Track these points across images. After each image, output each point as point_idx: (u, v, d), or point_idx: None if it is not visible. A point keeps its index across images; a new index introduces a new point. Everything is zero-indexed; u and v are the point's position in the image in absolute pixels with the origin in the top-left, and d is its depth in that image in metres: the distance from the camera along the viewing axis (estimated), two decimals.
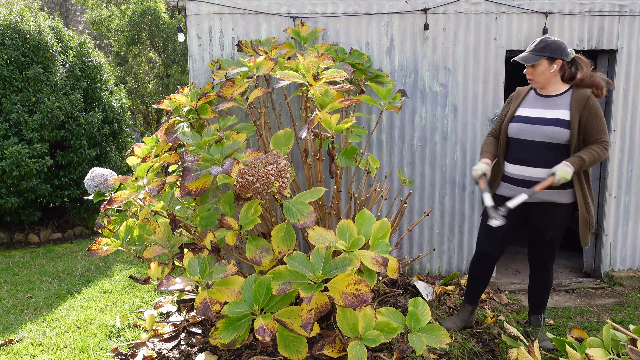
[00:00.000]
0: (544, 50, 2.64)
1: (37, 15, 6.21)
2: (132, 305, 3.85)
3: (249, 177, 2.34)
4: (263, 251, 2.52)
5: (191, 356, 2.88)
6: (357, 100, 2.85)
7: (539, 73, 2.68)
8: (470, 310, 3.08)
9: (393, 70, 3.94)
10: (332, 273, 2.19)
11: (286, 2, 3.85)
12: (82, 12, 15.82)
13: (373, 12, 3.88)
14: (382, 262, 2.28)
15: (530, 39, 3.96)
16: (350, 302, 2.14)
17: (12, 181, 5.45)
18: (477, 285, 3.02)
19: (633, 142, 4.13)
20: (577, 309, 3.64)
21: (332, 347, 2.79)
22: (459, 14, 3.92)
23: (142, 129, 13.43)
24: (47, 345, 3.13)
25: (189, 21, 3.83)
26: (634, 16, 3.99)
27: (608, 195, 4.16)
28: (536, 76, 2.70)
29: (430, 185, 4.07)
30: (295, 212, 2.39)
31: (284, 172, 2.39)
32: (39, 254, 5.40)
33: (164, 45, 11.82)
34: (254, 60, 3.02)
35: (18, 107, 5.54)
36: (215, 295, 2.36)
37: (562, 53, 2.65)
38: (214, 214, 2.84)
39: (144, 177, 2.82)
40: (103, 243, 2.95)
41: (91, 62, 6.52)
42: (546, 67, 2.66)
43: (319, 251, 2.27)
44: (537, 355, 2.45)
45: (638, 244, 4.27)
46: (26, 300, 3.95)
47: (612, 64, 4.07)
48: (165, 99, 3.33)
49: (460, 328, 3.03)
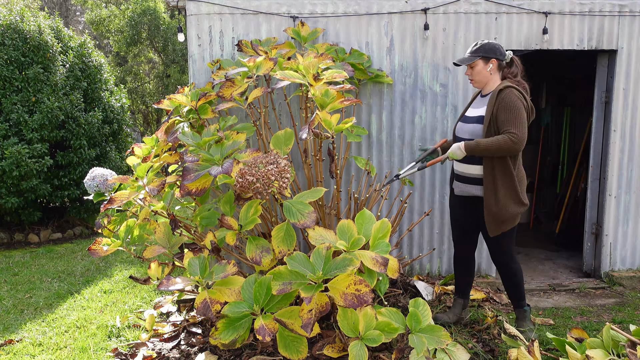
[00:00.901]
0: (478, 51, 2.80)
1: (37, 15, 6.21)
2: (132, 305, 3.85)
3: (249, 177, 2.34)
4: (263, 251, 2.52)
5: (191, 356, 2.88)
6: (357, 101, 2.85)
7: (476, 72, 2.83)
8: (461, 304, 3.16)
9: (393, 70, 3.94)
10: (332, 273, 2.19)
11: (286, 2, 3.85)
12: (82, 12, 15.82)
13: (373, 12, 3.88)
14: (383, 262, 2.28)
15: (531, 39, 3.96)
16: (350, 302, 2.14)
17: (12, 181, 5.45)
18: (464, 272, 3.14)
19: (633, 142, 4.13)
20: (577, 309, 3.64)
21: (332, 347, 2.79)
22: (459, 14, 3.92)
23: (142, 129, 13.43)
24: (47, 345, 3.13)
25: (189, 21, 3.83)
26: (634, 16, 3.99)
27: (608, 195, 4.16)
28: (474, 76, 2.86)
29: (430, 185, 4.07)
30: (295, 212, 2.39)
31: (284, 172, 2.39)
32: (39, 254, 5.40)
33: (164, 45, 11.82)
34: (254, 60, 3.02)
35: (18, 107, 5.54)
36: (216, 295, 2.36)
37: (496, 52, 2.79)
38: (214, 214, 2.83)
39: (144, 177, 2.82)
40: (103, 243, 2.95)
41: (91, 62, 6.52)
42: (482, 67, 2.81)
43: (319, 251, 2.27)
44: (537, 355, 2.45)
45: (638, 244, 4.27)
46: (26, 300, 3.95)
47: (612, 64, 4.07)
48: (165, 99, 3.33)
49: (454, 321, 3.13)
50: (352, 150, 4.02)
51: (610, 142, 4.10)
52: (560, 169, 6.29)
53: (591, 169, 4.25)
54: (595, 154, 4.22)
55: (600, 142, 4.20)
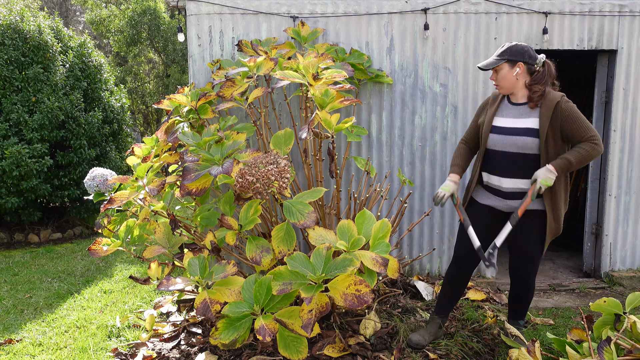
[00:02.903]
0: (503, 54, 2.56)
1: (37, 15, 6.21)
2: (132, 305, 3.85)
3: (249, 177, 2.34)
4: (263, 251, 2.52)
5: (191, 356, 2.88)
6: (357, 101, 2.85)
7: (501, 77, 2.59)
8: (439, 324, 2.90)
9: (393, 70, 3.94)
10: (332, 273, 2.19)
11: (286, 2, 3.85)
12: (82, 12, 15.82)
13: (373, 12, 3.88)
14: (383, 262, 2.28)
15: (531, 39, 3.96)
16: (351, 303, 2.14)
17: (12, 181, 5.45)
18: (452, 294, 2.88)
19: (633, 142, 4.13)
20: (577, 309, 3.64)
21: (332, 347, 2.79)
22: (459, 14, 3.91)
23: (142, 129, 13.43)
24: (47, 345, 3.13)
25: (189, 21, 3.83)
26: (634, 16, 3.99)
27: (608, 195, 4.16)
28: (499, 81, 2.61)
29: (430, 185, 4.07)
30: (295, 212, 2.39)
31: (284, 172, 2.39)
32: (39, 254, 5.40)
33: (164, 45, 11.82)
34: (254, 60, 3.02)
35: (18, 107, 5.54)
36: (215, 296, 2.36)
37: (524, 56, 2.53)
38: (214, 214, 2.84)
39: (144, 177, 2.82)
40: (103, 243, 2.95)
41: (91, 62, 6.52)
42: (507, 71, 2.56)
43: (320, 251, 2.27)
44: (538, 355, 2.45)
45: (638, 244, 4.27)
46: (26, 300, 3.95)
47: (612, 64, 4.07)
48: (165, 99, 3.33)
49: (429, 342, 2.86)
50: (352, 150, 4.02)
51: (610, 142, 4.10)
52: None
53: (591, 169, 4.25)
54: None
55: None
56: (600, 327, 2.44)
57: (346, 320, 3.14)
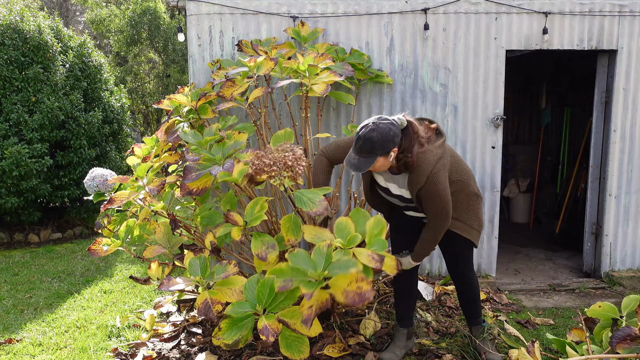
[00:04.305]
0: (373, 152, 2.29)
1: (37, 15, 6.20)
2: (132, 305, 3.85)
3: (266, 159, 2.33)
4: (269, 247, 2.52)
5: (191, 356, 2.88)
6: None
7: (379, 166, 2.38)
8: (405, 334, 2.83)
9: (393, 70, 3.94)
10: (334, 272, 2.18)
11: (286, 2, 3.85)
12: (82, 12, 15.81)
13: (373, 12, 3.88)
14: (379, 259, 2.27)
15: (531, 39, 3.96)
16: (352, 300, 2.13)
17: (12, 181, 5.45)
18: (406, 300, 2.84)
19: (633, 142, 4.13)
20: (577, 309, 3.64)
21: (333, 347, 2.79)
22: (459, 14, 3.92)
23: (142, 129, 13.43)
24: (47, 345, 3.13)
25: (189, 21, 3.83)
26: (634, 16, 3.99)
27: (608, 195, 4.16)
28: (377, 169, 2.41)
29: None
30: (307, 202, 2.40)
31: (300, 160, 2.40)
32: (39, 254, 5.40)
33: (164, 45, 11.82)
34: (254, 60, 3.02)
35: (18, 107, 5.54)
36: (217, 296, 2.35)
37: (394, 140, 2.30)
38: (214, 214, 2.83)
39: (144, 177, 2.82)
40: (103, 243, 2.95)
41: (91, 62, 6.52)
42: (383, 161, 2.34)
43: (320, 249, 2.27)
44: (538, 355, 2.45)
45: (638, 244, 4.27)
46: (26, 300, 3.95)
47: (612, 64, 4.07)
48: (165, 99, 3.33)
49: (402, 356, 2.78)
50: None
51: (610, 142, 4.10)
52: (560, 169, 6.29)
53: (591, 169, 4.25)
54: (595, 154, 4.22)
55: (600, 142, 4.20)
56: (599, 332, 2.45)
57: (346, 320, 3.14)
